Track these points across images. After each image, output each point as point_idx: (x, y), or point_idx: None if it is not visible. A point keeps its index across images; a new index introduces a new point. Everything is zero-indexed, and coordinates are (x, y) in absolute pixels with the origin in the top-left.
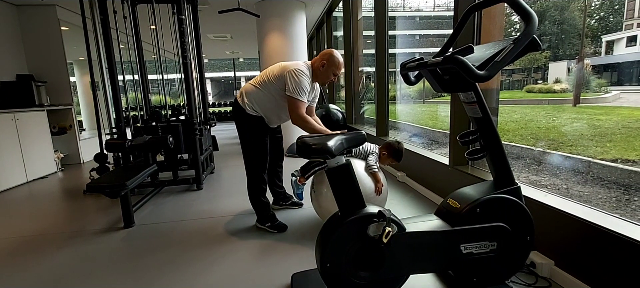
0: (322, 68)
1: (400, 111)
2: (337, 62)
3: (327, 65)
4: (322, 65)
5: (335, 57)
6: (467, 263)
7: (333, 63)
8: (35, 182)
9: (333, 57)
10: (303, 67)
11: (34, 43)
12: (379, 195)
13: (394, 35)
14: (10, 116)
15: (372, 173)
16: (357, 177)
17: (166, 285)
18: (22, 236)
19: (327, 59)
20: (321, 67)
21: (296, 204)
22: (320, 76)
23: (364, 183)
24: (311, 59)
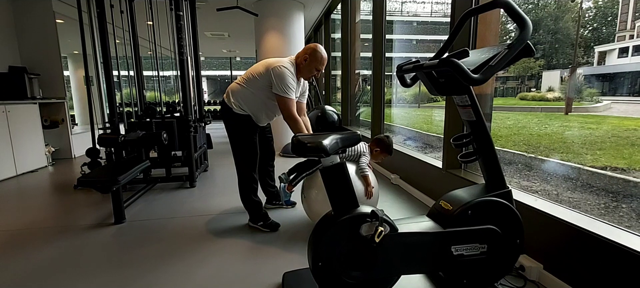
0: (304, 63)
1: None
2: (319, 58)
3: (309, 60)
4: (304, 59)
5: (318, 52)
6: (458, 264)
7: (315, 58)
8: (25, 175)
9: (316, 52)
10: (286, 63)
11: (28, 35)
12: (369, 198)
13: (391, 39)
14: (1, 108)
15: (363, 176)
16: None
17: (156, 281)
18: (8, 230)
19: (310, 54)
20: (304, 62)
21: (289, 204)
22: (303, 71)
23: (355, 186)
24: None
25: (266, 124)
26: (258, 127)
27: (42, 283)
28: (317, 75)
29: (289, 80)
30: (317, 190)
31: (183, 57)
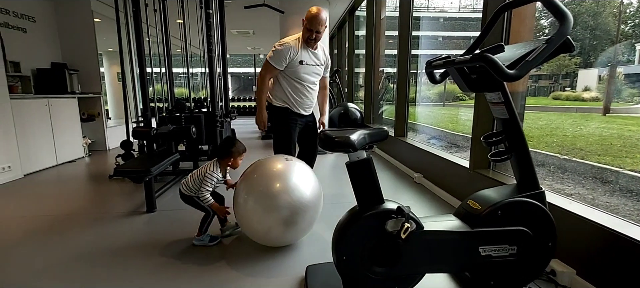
0: (302, 26)
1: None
2: (308, 16)
3: (304, 22)
4: (302, 23)
5: (310, 10)
6: (485, 266)
7: (307, 17)
8: (64, 165)
9: (309, 11)
10: (286, 38)
11: (69, 33)
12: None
13: (417, 35)
14: (45, 101)
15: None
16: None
17: (185, 268)
18: (51, 215)
19: (306, 16)
20: (302, 27)
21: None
22: (304, 38)
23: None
24: (331, 58)
25: (310, 114)
26: (297, 119)
27: (82, 265)
28: (312, 36)
29: (275, 48)
30: (246, 195)
31: (211, 54)
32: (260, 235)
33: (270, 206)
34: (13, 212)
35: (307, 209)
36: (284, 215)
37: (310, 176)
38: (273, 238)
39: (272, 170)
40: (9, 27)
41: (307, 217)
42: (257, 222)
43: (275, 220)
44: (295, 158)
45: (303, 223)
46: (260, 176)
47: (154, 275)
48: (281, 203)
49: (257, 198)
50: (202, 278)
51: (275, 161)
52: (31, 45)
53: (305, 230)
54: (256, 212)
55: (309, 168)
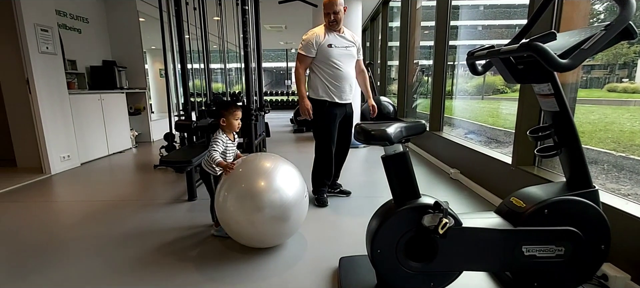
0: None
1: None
2: (324, 1)
3: (323, 10)
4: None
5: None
6: (529, 266)
7: (323, 3)
8: (115, 155)
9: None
10: (312, 29)
11: (117, 32)
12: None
13: (455, 25)
14: (98, 96)
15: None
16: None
17: (225, 256)
18: (104, 200)
19: (323, 3)
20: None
21: (344, 192)
22: (325, 22)
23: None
24: (364, 51)
25: (348, 104)
26: (336, 111)
27: (130, 246)
28: (331, 18)
29: (303, 39)
30: (225, 192)
31: (247, 50)
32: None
33: (252, 207)
34: (72, 197)
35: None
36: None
37: (293, 177)
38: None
39: (256, 169)
40: (67, 28)
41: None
42: (234, 217)
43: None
44: (280, 159)
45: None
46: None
47: (198, 259)
48: (264, 203)
49: (238, 198)
50: (240, 265)
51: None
52: (85, 45)
53: (293, 231)
54: (240, 212)
55: (293, 169)
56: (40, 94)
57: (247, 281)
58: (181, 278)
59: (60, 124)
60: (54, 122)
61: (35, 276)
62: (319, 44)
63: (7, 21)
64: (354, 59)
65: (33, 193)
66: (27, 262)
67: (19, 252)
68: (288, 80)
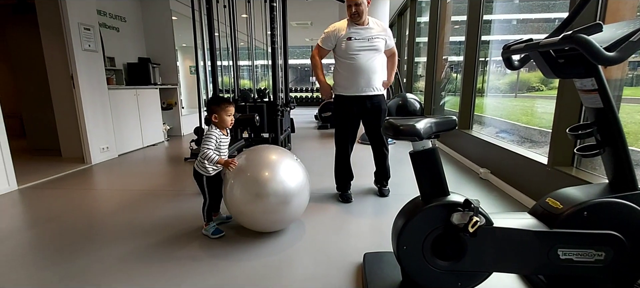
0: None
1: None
2: None
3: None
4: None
5: None
6: (564, 270)
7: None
8: (148, 147)
9: None
10: (336, 23)
11: (152, 30)
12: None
13: (488, 19)
14: (134, 92)
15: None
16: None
17: (248, 247)
18: (138, 190)
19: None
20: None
21: (381, 193)
22: (348, 15)
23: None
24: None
25: (372, 95)
26: (354, 106)
27: (161, 233)
28: (353, 11)
29: (324, 31)
30: (232, 180)
31: (274, 46)
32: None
33: (258, 193)
34: (110, 185)
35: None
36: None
37: (294, 169)
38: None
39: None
40: (106, 27)
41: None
42: (241, 205)
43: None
44: (286, 152)
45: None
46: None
47: (223, 246)
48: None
49: (245, 185)
50: (261, 253)
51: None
52: (123, 43)
53: (292, 218)
54: (244, 198)
55: (294, 162)
56: (83, 89)
57: (276, 277)
58: (206, 260)
59: (100, 117)
60: (94, 116)
61: (78, 255)
62: (338, 37)
63: (55, 21)
64: (376, 52)
65: (76, 181)
66: (71, 242)
67: (64, 233)
68: (312, 77)
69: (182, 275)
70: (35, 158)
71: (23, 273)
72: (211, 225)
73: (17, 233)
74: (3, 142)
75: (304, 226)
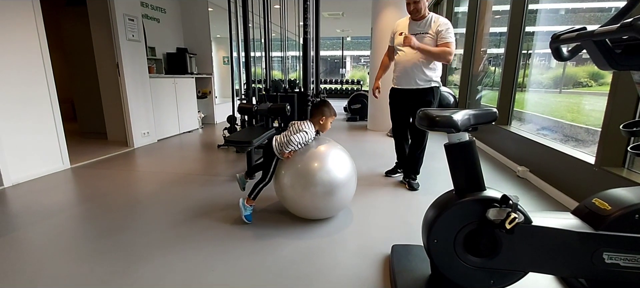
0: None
1: (527, 100)
2: None
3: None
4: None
5: None
6: (608, 275)
7: None
8: (184, 134)
9: None
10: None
11: (189, 21)
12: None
13: (533, 9)
14: (172, 80)
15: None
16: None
17: (281, 233)
18: (175, 173)
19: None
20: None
21: (409, 184)
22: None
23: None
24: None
25: (412, 89)
26: (399, 96)
27: (196, 213)
28: (411, 8)
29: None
30: (284, 171)
31: (307, 37)
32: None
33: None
34: (150, 168)
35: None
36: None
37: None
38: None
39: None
40: (148, 18)
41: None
42: (291, 191)
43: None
44: (332, 143)
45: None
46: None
47: (255, 229)
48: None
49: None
50: (291, 239)
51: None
52: (163, 33)
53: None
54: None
55: (342, 153)
56: (127, 76)
57: (305, 263)
58: (238, 241)
59: (142, 104)
60: (137, 102)
61: (123, 229)
62: (395, 32)
63: (103, 12)
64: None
65: (120, 163)
66: (117, 217)
67: (111, 209)
68: (342, 69)
69: (215, 253)
70: (85, 141)
71: (77, 243)
72: (250, 207)
73: (71, 207)
74: (58, 125)
75: (332, 216)
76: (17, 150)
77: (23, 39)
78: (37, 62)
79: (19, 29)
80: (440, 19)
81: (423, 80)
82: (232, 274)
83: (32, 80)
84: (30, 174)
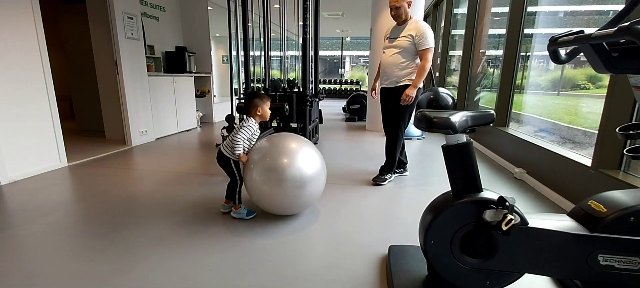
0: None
1: (525, 101)
2: None
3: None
4: None
5: None
6: (603, 277)
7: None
8: (183, 133)
9: None
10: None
11: (188, 20)
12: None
13: (533, 11)
14: (171, 79)
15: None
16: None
17: (275, 231)
18: (173, 172)
19: None
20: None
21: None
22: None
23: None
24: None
25: (391, 88)
26: (382, 97)
27: (192, 211)
28: (392, 13)
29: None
30: (252, 165)
31: (306, 37)
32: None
33: (276, 179)
34: (149, 167)
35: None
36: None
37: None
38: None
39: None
40: (147, 16)
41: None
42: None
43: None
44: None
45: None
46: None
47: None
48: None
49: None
50: (285, 237)
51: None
52: (162, 31)
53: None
54: (264, 183)
55: (310, 148)
56: (126, 75)
57: (302, 263)
58: (230, 237)
59: (140, 102)
60: (135, 101)
61: (120, 227)
62: (385, 35)
63: (101, 10)
64: (399, 50)
65: (118, 161)
66: (114, 216)
67: (108, 207)
68: (342, 69)
69: (212, 252)
70: (83, 139)
71: (74, 241)
72: (242, 208)
73: (68, 206)
74: (56, 123)
75: (330, 216)
76: (14, 147)
77: (21, 36)
78: (35, 60)
79: (17, 26)
80: (418, 24)
81: (400, 78)
82: (229, 273)
83: (30, 78)
84: (27, 172)
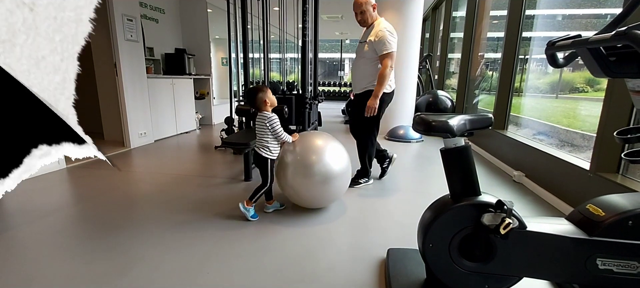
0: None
1: (524, 104)
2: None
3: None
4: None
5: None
6: (602, 281)
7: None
8: (182, 135)
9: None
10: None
11: (188, 22)
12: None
13: (531, 15)
14: (170, 81)
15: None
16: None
17: (276, 234)
18: (172, 174)
19: None
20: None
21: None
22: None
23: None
24: (422, 42)
25: (358, 93)
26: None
27: (191, 213)
28: (358, 18)
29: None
30: (292, 177)
31: (305, 39)
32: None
33: (306, 173)
34: (147, 169)
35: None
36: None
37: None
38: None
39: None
40: (147, 18)
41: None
42: (298, 188)
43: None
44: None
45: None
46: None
47: (250, 230)
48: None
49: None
50: (286, 242)
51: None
52: (161, 34)
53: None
54: (296, 177)
55: (336, 145)
56: (125, 77)
57: (299, 268)
58: (234, 238)
59: (140, 104)
60: (134, 102)
61: (119, 229)
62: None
63: (101, 11)
64: (361, 56)
65: (117, 163)
66: (113, 217)
67: (107, 209)
68: (341, 72)
69: (211, 254)
70: None
71: (73, 242)
72: (252, 208)
73: (67, 207)
74: None
75: (329, 218)
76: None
77: None
78: None
79: None
80: (378, 28)
81: (364, 85)
82: (228, 275)
83: None
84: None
